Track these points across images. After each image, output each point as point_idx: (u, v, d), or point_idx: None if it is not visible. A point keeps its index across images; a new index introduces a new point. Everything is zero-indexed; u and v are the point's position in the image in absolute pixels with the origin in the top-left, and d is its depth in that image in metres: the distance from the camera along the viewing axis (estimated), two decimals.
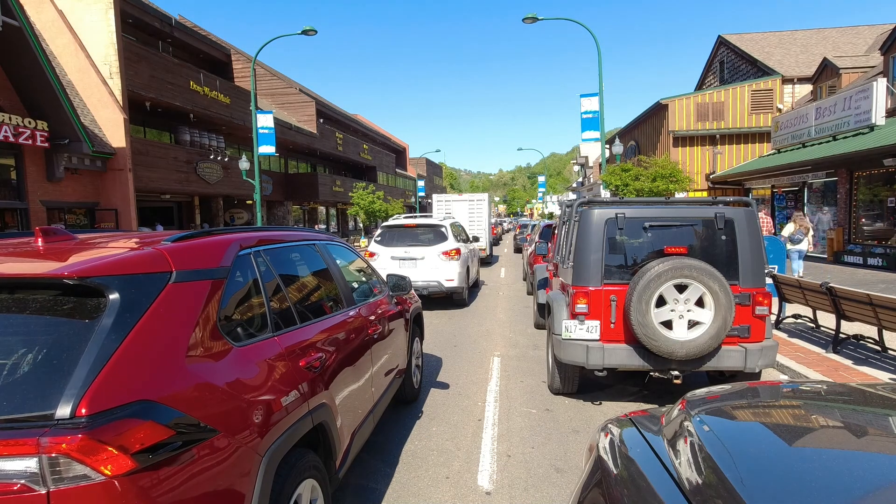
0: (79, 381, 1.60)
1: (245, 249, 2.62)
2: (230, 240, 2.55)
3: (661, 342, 4.40)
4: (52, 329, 1.76)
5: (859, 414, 1.76)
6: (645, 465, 1.59)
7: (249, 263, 2.61)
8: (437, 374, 6.28)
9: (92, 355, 1.66)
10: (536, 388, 5.66)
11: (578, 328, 4.78)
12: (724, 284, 4.33)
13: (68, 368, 1.63)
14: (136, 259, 2.00)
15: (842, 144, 16.35)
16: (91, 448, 1.54)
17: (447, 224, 11.27)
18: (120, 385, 1.67)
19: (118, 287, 1.85)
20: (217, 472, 1.90)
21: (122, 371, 1.70)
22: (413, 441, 4.41)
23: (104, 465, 1.55)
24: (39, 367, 1.64)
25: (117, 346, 1.72)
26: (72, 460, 1.52)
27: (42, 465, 1.50)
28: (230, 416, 2.02)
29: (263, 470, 2.12)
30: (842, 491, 1.22)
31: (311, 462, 2.52)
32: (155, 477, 1.67)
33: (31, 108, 16.56)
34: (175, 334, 1.96)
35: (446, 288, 10.37)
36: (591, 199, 5.29)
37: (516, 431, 4.56)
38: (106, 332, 1.74)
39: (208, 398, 1.95)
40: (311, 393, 2.63)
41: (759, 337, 4.69)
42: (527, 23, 18.13)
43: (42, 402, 1.56)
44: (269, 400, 2.27)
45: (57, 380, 1.60)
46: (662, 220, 4.79)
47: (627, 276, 4.75)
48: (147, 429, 1.67)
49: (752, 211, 4.78)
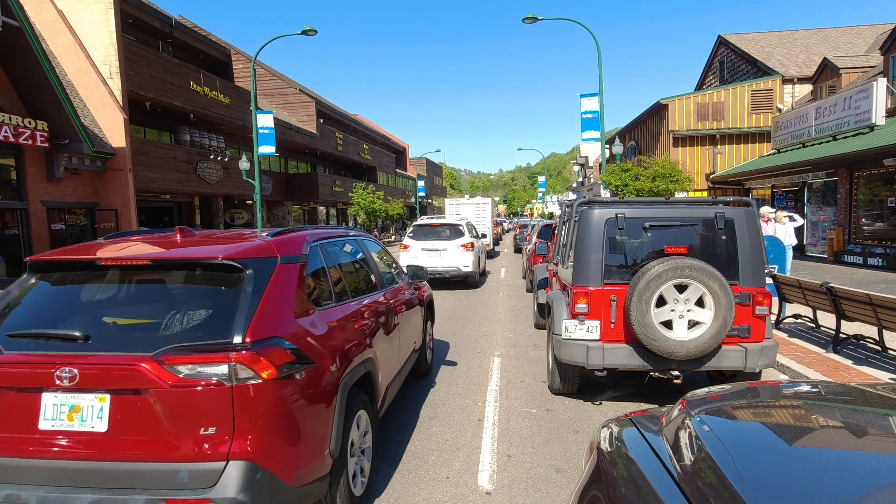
0: (242, 323, 2.59)
1: (314, 242, 3.55)
2: (305, 235, 3.49)
3: (662, 342, 4.40)
4: (216, 291, 2.80)
5: (859, 414, 1.76)
6: (645, 465, 1.59)
7: (317, 253, 3.53)
8: (437, 373, 6.28)
9: (245, 308, 2.65)
10: (536, 388, 5.67)
11: (578, 328, 4.78)
12: (724, 284, 4.33)
13: (235, 316, 2.62)
14: (257, 247, 2.96)
15: (842, 144, 16.35)
16: (254, 360, 2.51)
17: (464, 223, 14.58)
18: (263, 326, 2.64)
19: (252, 266, 2.82)
20: (317, 388, 2.87)
21: (263, 318, 2.67)
22: (413, 441, 4.41)
23: (261, 371, 2.52)
24: (218, 314, 2.67)
25: (257, 303, 2.70)
26: (244, 367, 2.49)
27: (230, 370, 2.47)
28: (321, 353, 2.97)
29: (340, 393, 3.05)
30: (842, 491, 1.22)
31: (364, 399, 3.49)
32: (287, 382, 2.65)
33: (31, 108, 16.56)
34: (286, 298, 2.90)
35: (464, 272, 13.38)
36: (591, 199, 5.29)
37: (516, 431, 4.57)
38: (249, 294, 2.72)
39: (307, 340, 2.91)
40: (363, 348, 3.56)
41: (760, 337, 4.69)
42: (527, 23, 18.13)
43: (224, 334, 2.55)
44: (340, 347, 3.22)
45: (230, 322, 2.60)
46: (662, 220, 4.79)
47: (627, 276, 4.75)
48: (281, 352, 2.64)
49: (751, 211, 4.78)
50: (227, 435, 2.48)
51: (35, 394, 2.53)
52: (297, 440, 2.69)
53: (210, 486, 2.42)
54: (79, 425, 2.50)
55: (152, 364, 2.45)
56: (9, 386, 2.55)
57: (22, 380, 2.56)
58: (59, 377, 2.47)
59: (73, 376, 2.47)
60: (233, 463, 2.45)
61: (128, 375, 2.47)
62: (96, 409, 2.50)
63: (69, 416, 2.51)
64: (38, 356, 2.57)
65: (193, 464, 2.44)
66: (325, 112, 38.82)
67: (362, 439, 3.49)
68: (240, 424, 2.49)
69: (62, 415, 2.51)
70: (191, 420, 2.47)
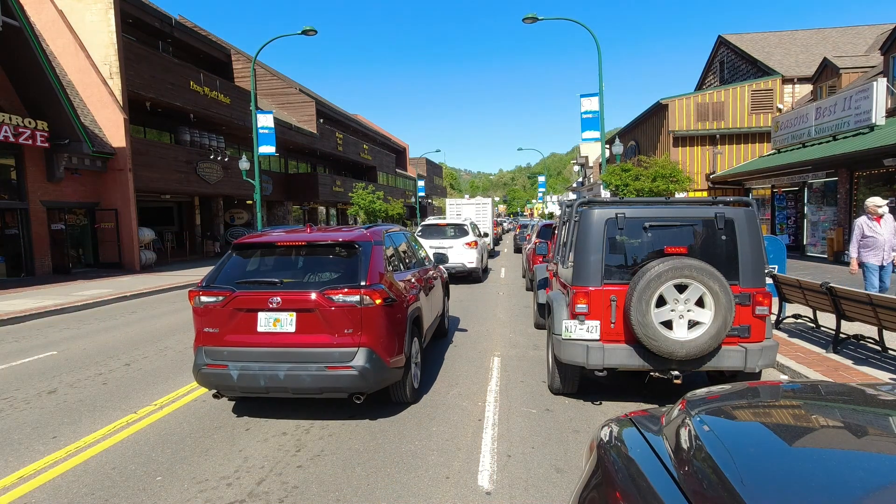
0: (363, 275, 4.59)
1: (386, 234, 5.59)
2: (382, 229, 5.63)
3: (662, 342, 4.41)
4: (345, 259, 4.82)
5: (859, 414, 1.76)
6: (645, 464, 1.59)
7: (388, 240, 5.58)
8: (438, 373, 6.28)
9: (363, 268, 4.65)
10: (536, 388, 5.67)
11: (578, 328, 4.78)
12: (724, 284, 4.34)
13: (358, 271, 4.63)
14: (361, 235, 4.99)
15: (842, 144, 16.34)
16: (371, 294, 4.48)
17: (468, 223, 15.86)
18: (372, 278, 4.59)
19: (360, 245, 4.85)
20: (398, 314, 4.86)
21: (372, 273, 4.62)
22: (413, 441, 4.41)
23: (375, 299, 4.49)
24: (348, 271, 4.69)
25: (368, 266, 4.67)
26: (366, 296, 4.45)
27: (359, 298, 4.44)
28: (399, 296, 4.95)
29: (407, 321, 5.06)
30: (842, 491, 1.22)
31: (417, 331, 5.51)
32: (386, 308, 4.63)
33: (31, 108, 16.55)
34: (380, 265, 4.84)
35: (468, 269, 14.63)
36: (591, 199, 5.29)
37: (516, 431, 4.57)
38: (362, 261, 4.71)
39: (393, 288, 4.85)
40: (416, 299, 5.58)
41: (760, 337, 4.69)
42: (527, 23, 18.12)
43: (354, 280, 4.55)
44: (407, 294, 5.26)
45: (356, 274, 4.61)
46: (662, 220, 4.79)
47: (627, 276, 4.75)
48: (383, 292, 4.59)
49: (752, 211, 4.78)
50: (357, 333, 4.46)
51: (255, 312, 4.52)
52: (391, 340, 4.66)
53: (350, 360, 4.42)
54: (279, 328, 4.50)
55: (319, 295, 4.44)
56: (241, 308, 4.53)
57: (249, 304, 4.52)
58: (270, 302, 4.46)
59: (278, 302, 4.45)
60: (361, 348, 4.46)
61: (306, 301, 4.43)
62: (289, 320, 4.49)
63: (274, 324, 4.50)
64: (257, 293, 4.52)
65: (341, 349, 4.45)
66: (325, 112, 38.80)
67: (416, 356, 5.43)
68: (363, 328, 4.47)
69: (270, 323, 4.51)
70: (339, 325, 4.45)
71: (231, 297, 4.54)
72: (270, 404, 5.23)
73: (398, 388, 5.05)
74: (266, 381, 4.43)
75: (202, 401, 5.43)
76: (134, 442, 4.48)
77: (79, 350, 7.79)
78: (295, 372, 4.41)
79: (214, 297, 4.58)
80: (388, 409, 5.11)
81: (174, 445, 4.39)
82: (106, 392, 5.79)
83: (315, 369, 4.40)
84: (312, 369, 4.40)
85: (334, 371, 4.40)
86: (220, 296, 4.57)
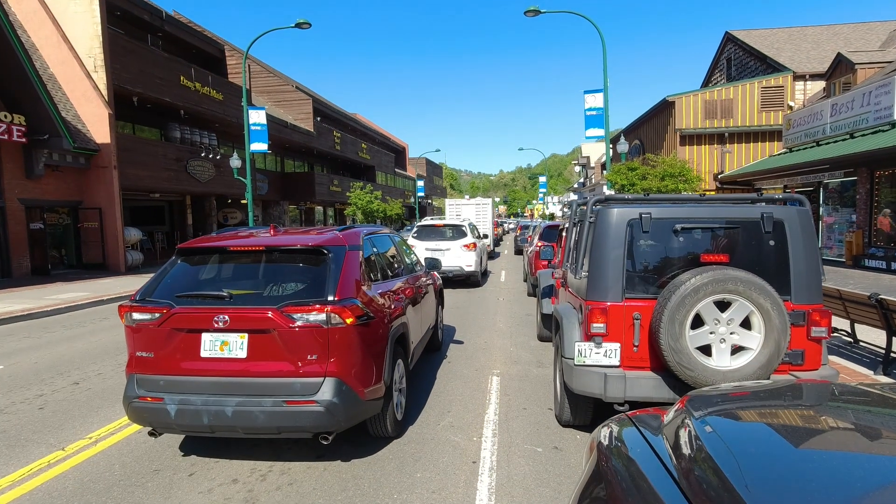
0: (332, 288, 3.75)
1: (365, 236, 4.69)
2: (360, 231, 4.67)
3: (699, 372, 3.57)
4: (312, 268, 3.99)
5: (862, 415, 1.70)
6: (645, 465, 1.57)
7: (367, 244, 4.68)
8: (426, 401, 5.45)
9: (332, 279, 3.81)
10: (542, 418, 4.84)
11: (594, 352, 3.94)
12: (777, 301, 3.50)
13: (326, 283, 3.79)
14: (333, 238, 4.15)
15: (861, 142, 15.50)
16: (341, 311, 3.64)
17: (467, 224, 14.90)
18: (344, 291, 3.78)
19: (330, 251, 4.00)
20: (376, 334, 4.03)
21: (343, 286, 3.81)
22: (392, 492, 3.58)
23: (346, 318, 3.65)
24: (315, 282, 3.86)
25: (339, 276, 3.85)
26: (335, 315, 3.62)
27: (326, 316, 3.60)
28: (378, 312, 4.12)
29: (388, 341, 4.23)
30: (843, 492, 1.19)
31: (401, 352, 4.67)
32: (360, 328, 3.78)
33: (7, 101, 15.71)
34: (354, 274, 4.02)
35: (466, 272, 13.60)
36: (609, 196, 4.44)
37: (519, 479, 3.74)
38: (332, 270, 3.88)
39: (370, 303, 4.03)
40: (401, 313, 4.72)
41: (815, 364, 3.85)
42: (529, 16, 17.30)
43: (321, 294, 3.72)
44: (389, 309, 4.42)
45: (323, 287, 3.77)
46: (696, 221, 3.95)
47: (654, 289, 3.93)
48: (357, 308, 3.77)
49: (805, 210, 3.95)
50: (324, 360, 3.62)
51: (198, 333, 3.66)
52: (366, 367, 3.84)
53: (314, 393, 3.57)
54: (227, 354, 3.63)
55: (276, 313, 3.57)
56: (180, 328, 3.67)
57: (189, 324, 3.67)
58: (216, 321, 3.60)
59: (225, 320, 3.60)
60: (328, 378, 3.61)
61: (261, 320, 3.59)
62: (239, 343, 3.63)
63: (220, 348, 3.64)
64: (200, 309, 3.69)
65: (303, 378, 3.60)
66: (323, 110, 37.98)
67: (401, 381, 4.65)
68: (332, 353, 3.63)
69: (216, 347, 3.65)
70: (301, 350, 3.60)
71: (168, 315, 3.68)
72: (224, 440, 4.39)
73: (377, 422, 4.22)
74: (210, 418, 3.57)
75: (146, 433, 4.59)
76: (45, 494, 3.64)
77: (29, 364, 6.96)
78: (246, 408, 3.54)
79: (149, 313, 3.72)
80: (365, 445, 4.28)
81: (94, 498, 3.55)
82: (38, 420, 4.96)
83: (271, 404, 3.54)
84: (268, 404, 3.54)
85: (294, 406, 3.54)
86: (156, 312, 3.71)
